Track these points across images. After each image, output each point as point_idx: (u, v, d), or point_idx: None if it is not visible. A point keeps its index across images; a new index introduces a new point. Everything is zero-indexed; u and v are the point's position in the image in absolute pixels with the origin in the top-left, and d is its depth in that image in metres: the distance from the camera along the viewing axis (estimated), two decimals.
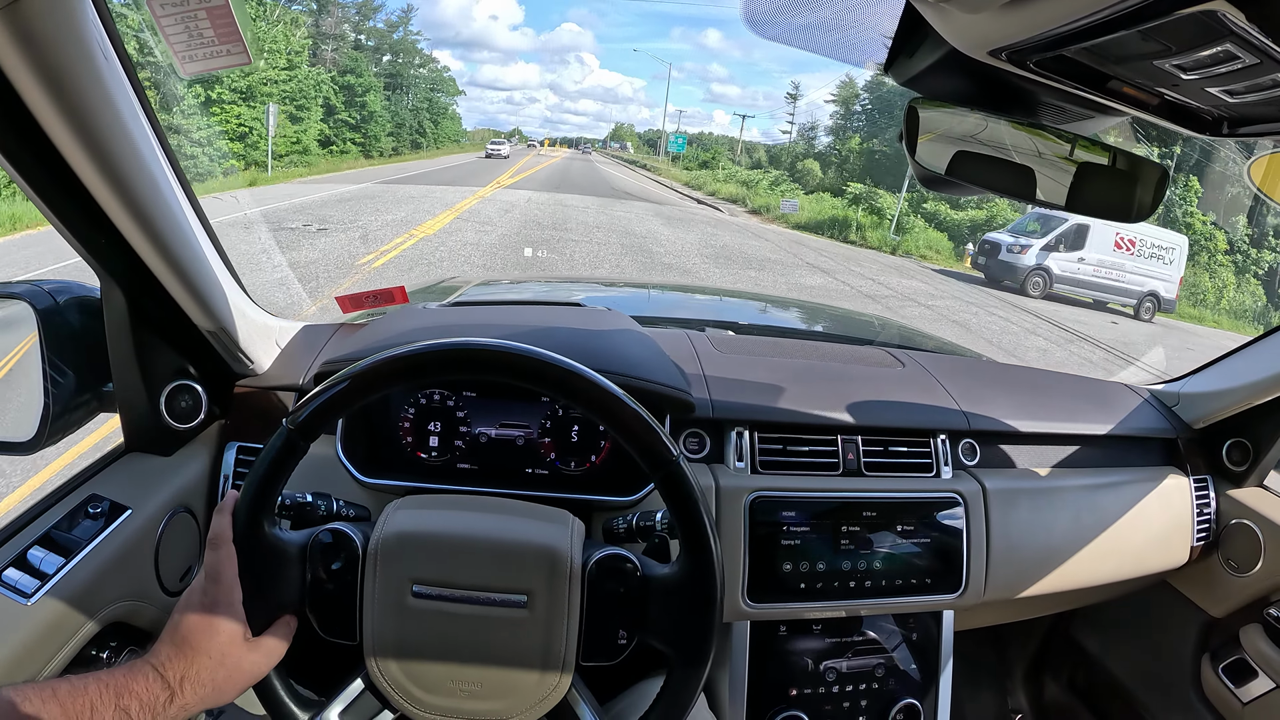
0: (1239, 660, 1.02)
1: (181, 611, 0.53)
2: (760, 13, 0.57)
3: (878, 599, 0.86)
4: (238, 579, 0.53)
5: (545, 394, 0.82)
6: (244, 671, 0.52)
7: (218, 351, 0.81)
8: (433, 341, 0.55)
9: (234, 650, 0.52)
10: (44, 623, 0.60)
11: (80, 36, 0.51)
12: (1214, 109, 0.52)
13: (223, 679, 0.51)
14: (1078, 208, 0.62)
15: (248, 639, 0.53)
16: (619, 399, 0.55)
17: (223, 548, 0.54)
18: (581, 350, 0.79)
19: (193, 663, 0.50)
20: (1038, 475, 0.97)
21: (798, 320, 1.58)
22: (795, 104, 40.42)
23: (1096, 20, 0.40)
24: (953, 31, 0.48)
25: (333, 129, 24.19)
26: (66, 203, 0.60)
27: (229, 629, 0.52)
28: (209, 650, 0.51)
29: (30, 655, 0.59)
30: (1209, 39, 0.39)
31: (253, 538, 0.55)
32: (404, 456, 0.84)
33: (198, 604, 0.53)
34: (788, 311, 1.71)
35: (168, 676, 0.49)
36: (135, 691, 0.47)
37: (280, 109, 19.15)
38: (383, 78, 30.35)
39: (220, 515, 0.55)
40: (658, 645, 0.56)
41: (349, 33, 29.05)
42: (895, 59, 0.58)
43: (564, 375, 0.55)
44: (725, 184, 26.13)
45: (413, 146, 32.15)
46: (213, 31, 0.64)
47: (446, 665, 0.54)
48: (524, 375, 0.55)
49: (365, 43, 30.69)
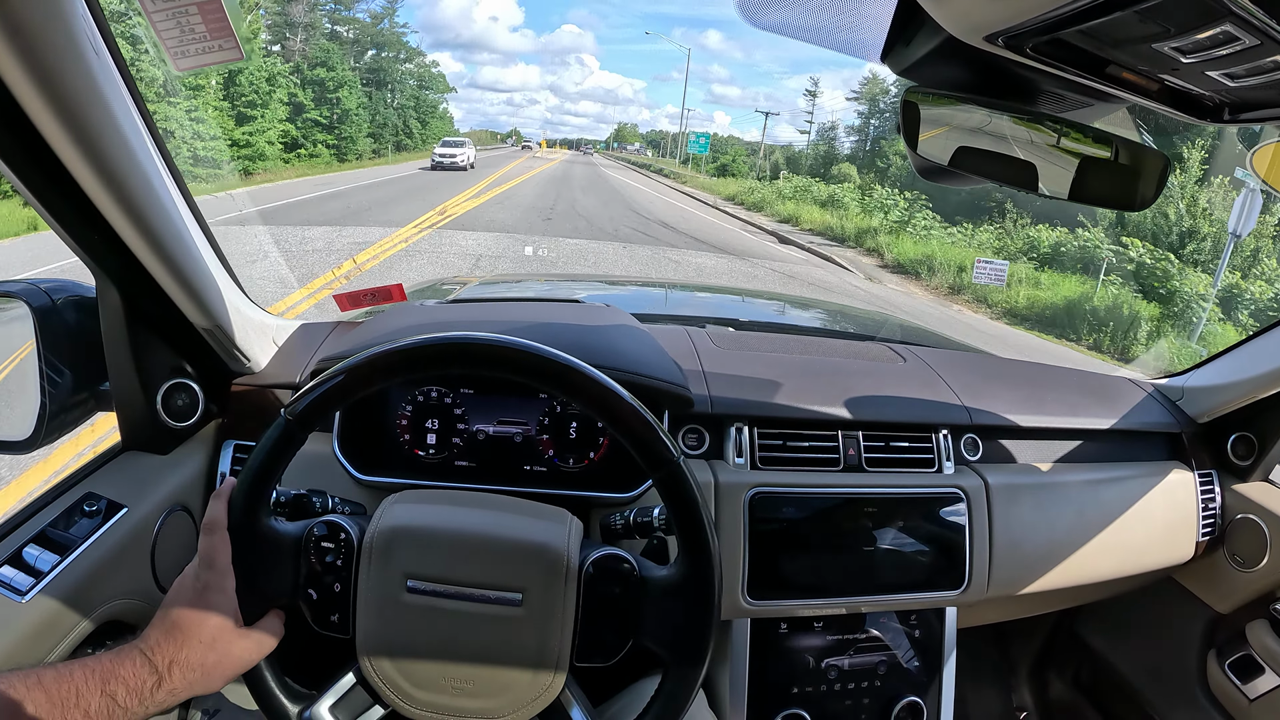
0: (1245, 656, 1.01)
1: (174, 596, 0.52)
2: (754, 2, 0.57)
3: (879, 596, 0.85)
4: (231, 566, 0.53)
5: (544, 390, 0.81)
6: (233, 658, 0.52)
7: (214, 350, 0.81)
8: (431, 335, 0.54)
9: (224, 636, 0.51)
10: (38, 620, 0.60)
11: (69, 30, 0.50)
12: (1215, 94, 0.51)
13: (212, 664, 0.50)
14: (1081, 197, 0.61)
15: (239, 626, 0.53)
16: (618, 395, 0.54)
17: (217, 533, 0.53)
18: (579, 346, 0.79)
19: (182, 647, 0.50)
20: (1041, 470, 0.97)
21: (800, 317, 1.57)
22: (815, 101, 35.40)
23: (1094, 1, 0.39)
24: (948, 17, 0.47)
25: (301, 129, 21.11)
26: (60, 200, 0.60)
27: (220, 614, 0.52)
28: (199, 635, 0.50)
29: (24, 653, 0.59)
30: (1208, 19, 0.38)
31: (248, 526, 0.54)
32: (401, 454, 0.84)
33: (190, 589, 0.52)
34: (790, 308, 1.70)
35: (156, 661, 0.49)
36: (122, 676, 0.47)
37: (215, 105, 16.37)
38: (363, 73, 27.59)
39: (217, 501, 0.55)
40: (654, 648, 0.56)
41: (324, 22, 25.78)
42: (892, 48, 0.57)
43: (562, 370, 0.54)
44: (793, 203, 16.00)
45: (397, 149, 28.71)
46: (204, 27, 0.64)
47: (438, 662, 0.54)
48: (522, 370, 0.54)
49: (344, 35, 27.33)
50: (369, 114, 26.52)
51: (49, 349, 0.73)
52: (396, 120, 29.46)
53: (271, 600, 0.55)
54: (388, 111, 28.93)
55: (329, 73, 23.64)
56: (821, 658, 0.88)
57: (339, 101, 23.65)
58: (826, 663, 0.88)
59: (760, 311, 1.55)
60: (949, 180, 0.65)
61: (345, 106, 23.94)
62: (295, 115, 21.27)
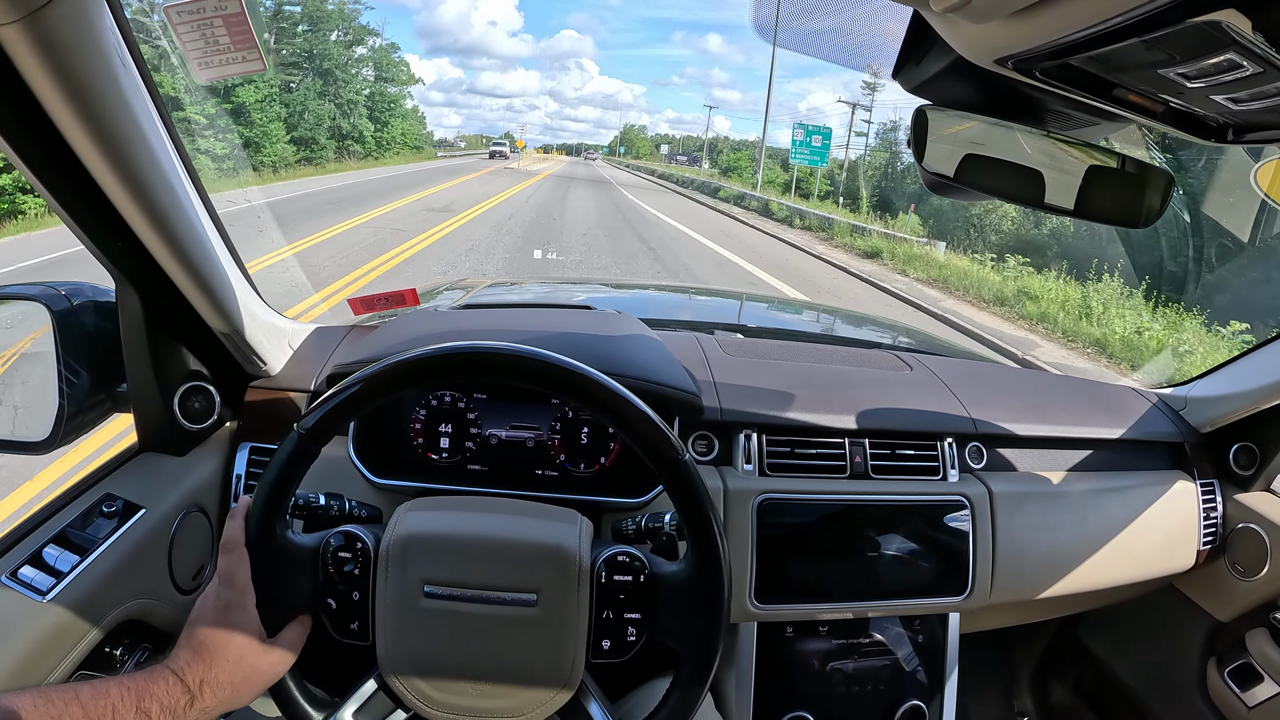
0: (1245, 665, 1.02)
1: (197, 616, 0.54)
2: (769, 20, 0.58)
3: (884, 601, 0.86)
4: (251, 582, 0.54)
5: (554, 395, 0.82)
6: (261, 673, 0.53)
7: (231, 353, 0.82)
8: (443, 345, 0.55)
9: (250, 653, 0.53)
10: (59, 620, 0.61)
11: (99, 44, 0.52)
12: (1219, 116, 0.52)
13: (240, 681, 0.52)
14: (1086, 213, 0.62)
15: (263, 641, 0.54)
16: (626, 400, 0.55)
17: (235, 552, 0.55)
18: (591, 354, 0.80)
19: (211, 666, 0.51)
20: (1044, 479, 0.98)
21: (806, 323, 1.58)
22: (873, 97, 25.15)
23: (1102, 30, 0.40)
24: (960, 40, 0.49)
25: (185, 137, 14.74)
26: (85, 208, 0.61)
27: (245, 631, 0.53)
28: (226, 654, 0.52)
29: (45, 652, 0.60)
30: (1213, 48, 0.39)
31: (265, 541, 0.55)
32: (414, 458, 0.85)
33: (213, 608, 0.53)
34: (796, 314, 1.71)
35: (187, 680, 0.50)
36: (156, 695, 0.48)
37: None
38: (290, 58, 20.44)
39: (233, 520, 0.56)
40: (666, 642, 0.57)
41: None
42: (903, 65, 0.59)
43: (571, 377, 0.55)
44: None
45: (341, 155, 21.47)
46: (229, 38, 0.65)
47: (458, 664, 0.55)
48: (532, 378, 0.56)
49: (260, 4, 18.98)
50: (289, 110, 19.41)
51: (67, 351, 0.74)
52: (341, 121, 22.04)
53: (292, 611, 0.56)
54: (323, 108, 21.30)
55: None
56: (827, 661, 0.89)
57: (232, 94, 16.95)
58: (831, 666, 0.89)
59: (767, 317, 1.56)
60: (957, 195, 0.66)
61: (241, 100, 16.91)
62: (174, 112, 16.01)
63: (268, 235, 7.63)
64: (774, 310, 1.76)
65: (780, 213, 16.27)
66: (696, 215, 16.06)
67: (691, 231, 12.55)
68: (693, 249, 10.54)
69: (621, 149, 73.67)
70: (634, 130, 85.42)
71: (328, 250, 7.54)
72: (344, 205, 11.73)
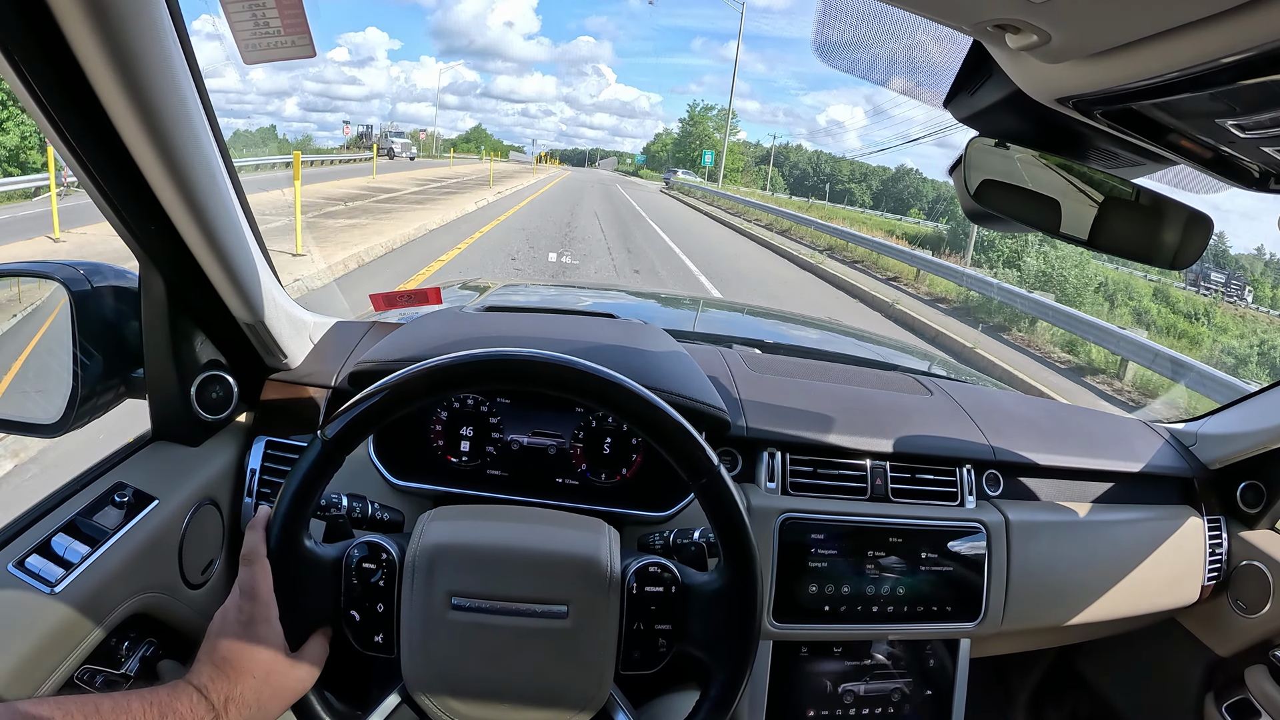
0: (1243, 700, 1.03)
1: (219, 630, 0.52)
2: (831, 42, 0.58)
3: (899, 624, 0.86)
4: (274, 595, 0.52)
5: (586, 404, 0.81)
6: (288, 689, 0.51)
7: (251, 344, 0.81)
8: (472, 352, 0.54)
9: (277, 669, 0.51)
10: (67, 614, 0.59)
11: (152, 17, 0.50)
12: (1263, 165, 0.54)
13: (268, 697, 0.50)
14: (1100, 244, 0.63)
15: (288, 655, 0.52)
16: (661, 409, 0.55)
17: (257, 563, 0.53)
18: (624, 365, 0.79)
19: (237, 684, 0.49)
20: (1058, 508, 0.98)
21: (822, 341, 1.59)
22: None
23: (1172, 80, 0.41)
24: (1024, 77, 0.49)
25: None
26: (123, 188, 0.60)
27: (270, 646, 0.51)
28: (252, 670, 0.50)
29: (52, 647, 0.58)
30: (1274, 103, 0.40)
31: (287, 552, 0.54)
32: (434, 460, 0.84)
33: (235, 622, 0.51)
34: (810, 331, 1.72)
35: (212, 698, 0.48)
36: (179, 712, 0.46)
37: None
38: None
39: (253, 531, 0.54)
40: (697, 654, 0.56)
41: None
42: (956, 95, 0.59)
43: (604, 386, 0.55)
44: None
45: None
46: (280, 22, 0.64)
47: (486, 678, 0.54)
48: (565, 386, 0.55)
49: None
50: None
51: (83, 333, 0.72)
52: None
53: (315, 623, 0.55)
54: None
55: None
56: (839, 682, 0.89)
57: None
58: (843, 688, 0.89)
59: (784, 334, 1.56)
60: (999, 226, 0.67)
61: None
62: None
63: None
64: (788, 326, 1.76)
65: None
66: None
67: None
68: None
69: (673, 169, 37.61)
70: (663, 138, 46.13)
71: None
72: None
